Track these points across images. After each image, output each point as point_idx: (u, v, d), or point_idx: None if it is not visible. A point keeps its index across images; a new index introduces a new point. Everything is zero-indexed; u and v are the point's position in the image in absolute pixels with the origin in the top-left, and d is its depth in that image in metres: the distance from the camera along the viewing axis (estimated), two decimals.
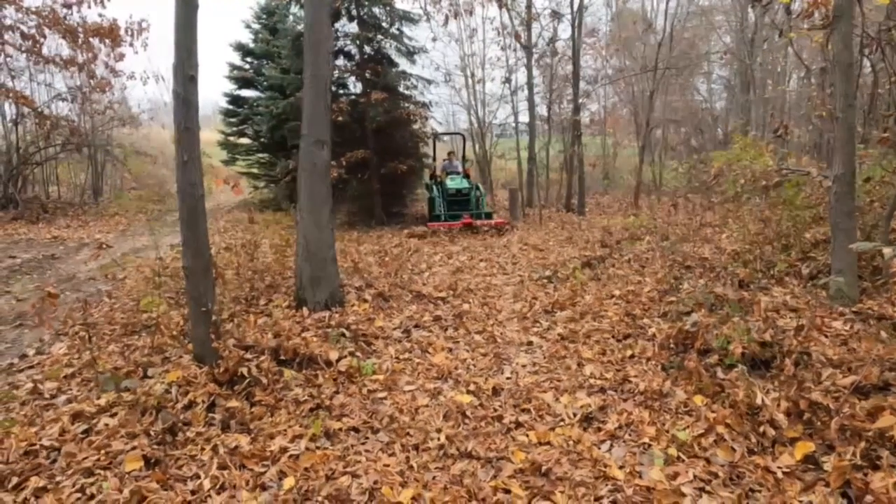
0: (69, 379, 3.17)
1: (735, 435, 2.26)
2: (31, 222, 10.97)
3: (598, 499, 1.96)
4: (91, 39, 11.19)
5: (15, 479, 2.08)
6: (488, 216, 9.73)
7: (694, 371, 2.71)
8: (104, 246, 4.15)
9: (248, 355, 3.02)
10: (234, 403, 2.69)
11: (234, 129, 14.70)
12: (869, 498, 1.82)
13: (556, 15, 14.50)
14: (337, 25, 11.17)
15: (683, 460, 2.15)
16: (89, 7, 10.91)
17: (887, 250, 2.60)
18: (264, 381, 2.87)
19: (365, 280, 5.01)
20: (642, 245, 6.71)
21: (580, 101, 13.17)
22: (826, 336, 3.05)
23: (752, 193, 6.86)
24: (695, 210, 9.11)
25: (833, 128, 3.79)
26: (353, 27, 11.04)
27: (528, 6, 13.45)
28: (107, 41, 11.30)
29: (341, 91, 11.37)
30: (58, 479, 2.09)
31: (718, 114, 20.60)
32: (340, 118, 9.60)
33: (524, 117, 15.23)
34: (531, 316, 4.28)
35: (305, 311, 3.99)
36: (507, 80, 12.00)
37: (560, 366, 3.26)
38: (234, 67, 14.66)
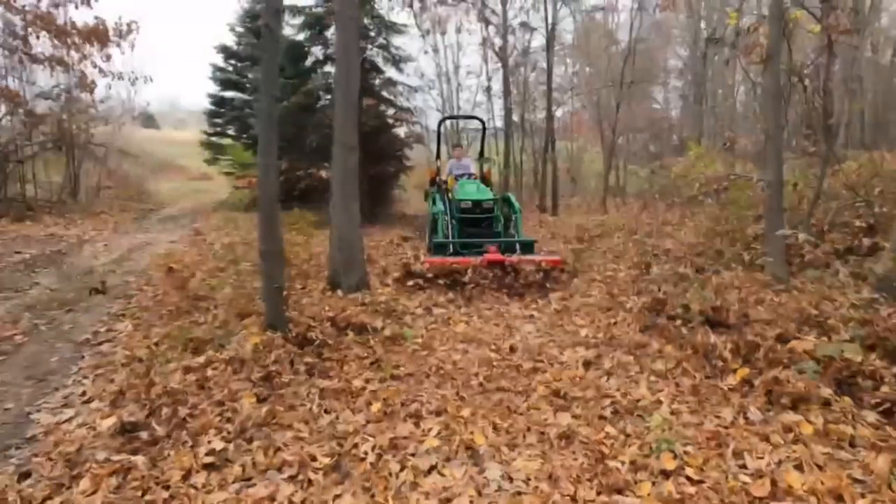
0: (153, 347, 3.74)
1: (695, 367, 3.13)
2: (16, 220, 11.00)
3: (603, 408, 2.77)
4: (78, 41, 11.33)
5: (165, 410, 2.71)
6: (527, 248, 5.81)
7: (665, 328, 3.58)
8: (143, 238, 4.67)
9: (313, 323, 3.69)
10: (309, 360, 3.37)
11: (219, 129, 14.96)
12: (784, 402, 2.69)
13: (525, 26, 15.58)
14: (326, 34, 11.77)
15: (660, 384, 3.00)
16: (76, 7, 11.11)
17: (802, 235, 3.56)
18: (330, 342, 3.55)
19: (382, 268, 5.71)
20: (614, 240, 7.67)
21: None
22: (761, 305, 3.98)
23: (706, 196, 7.95)
24: (657, 211, 10.22)
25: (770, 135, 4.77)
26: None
27: (504, 19, 14.42)
28: (95, 41, 11.46)
29: (328, 97, 11.93)
30: (200, 406, 2.73)
31: (674, 122, 22.24)
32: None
33: (498, 122, 16.23)
34: (529, 296, 5.09)
35: (340, 292, 4.65)
36: (489, 89, 12.85)
37: (559, 331, 4.09)
38: (217, 69, 14.94)
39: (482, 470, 2.28)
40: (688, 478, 2.14)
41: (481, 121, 9.60)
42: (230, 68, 15.03)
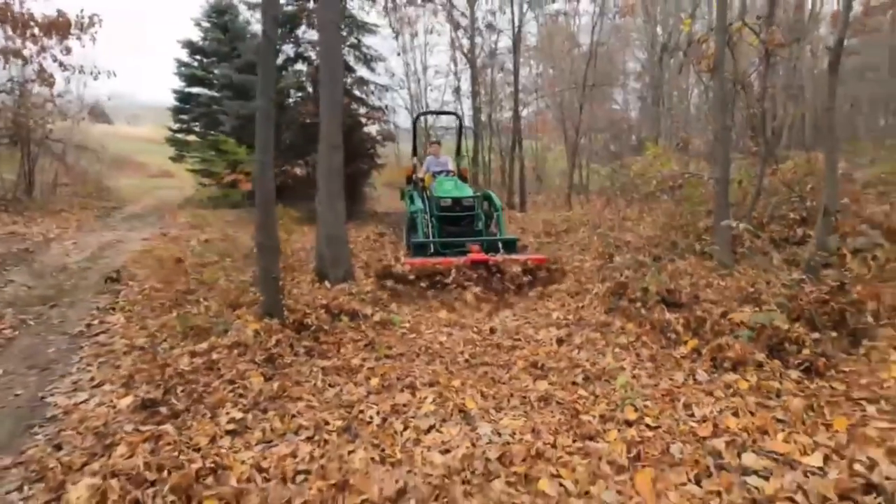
0: (152, 336, 3.91)
1: (653, 340, 3.59)
2: None
3: (575, 375, 3.17)
4: (37, 33, 10.99)
5: (180, 388, 2.93)
6: (509, 246, 5.87)
7: (626, 308, 4.03)
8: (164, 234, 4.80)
9: (308, 310, 3.95)
10: (307, 343, 3.64)
11: (184, 126, 14.72)
12: (726, 366, 3.17)
13: (491, 27, 16.07)
14: (297, 32, 11.84)
15: (623, 354, 3.44)
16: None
17: (743, 225, 4.08)
18: (325, 327, 3.82)
19: (364, 262, 5.98)
20: (579, 234, 8.17)
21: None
22: (709, 287, 4.50)
23: (662, 192, 8.58)
24: (617, 207, 10.84)
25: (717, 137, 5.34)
26: (313, 34, 11.74)
27: (472, 21, 14.83)
28: (55, 34, 11.14)
29: (299, 94, 12.00)
30: (213, 385, 2.96)
31: (633, 122, 23.27)
32: (308, 120, 10.30)
33: (467, 121, 16.63)
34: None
35: (328, 283, 4.90)
36: (458, 89, 13.23)
37: (534, 314, 4.49)
38: (182, 64, 14.67)
39: (474, 428, 2.63)
40: (647, 425, 2.56)
41: (458, 116, 9.26)
42: (195, 64, 14.80)
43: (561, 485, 2.13)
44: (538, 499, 2.05)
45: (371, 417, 2.70)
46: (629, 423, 2.58)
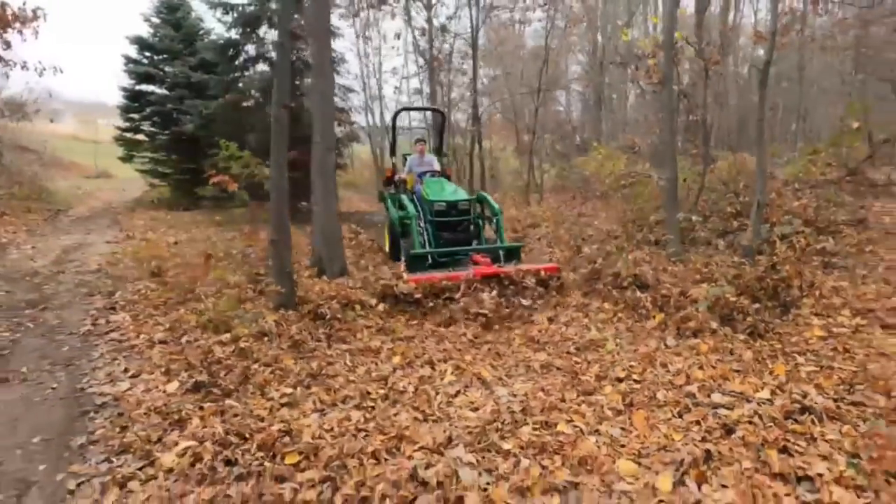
0: (169, 331, 4.09)
1: (627, 315, 4.22)
2: None
3: (567, 347, 3.72)
4: None
5: (223, 372, 3.20)
6: (513, 254, 5.48)
7: (602, 290, 4.66)
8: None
9: (320, 301, 4.27)
10: (324, 330, 3.97)
11: (135, 124, 14.21)
12: (688, 333, 3.82)
13: (445, 29, 16.60)
14: (259, 32, 11.81)
15: (605, 328, 4.03)
16: None
17: (695, 217, 4.79)
18: (339, 316, 4.17)
19: (353, 257, 6.30)
20: (543, 230, 8.84)
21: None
22: (665, 272, 5.22)
23: (615, 191, 9.43)
24: (573, 204, 11.68)
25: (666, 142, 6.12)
26: (275, 34, 11.77)
27: (430, 25, 15.28)
28: None
29: (257, 94, 11.96)
30: (252, 367, 3.26)
31: (576, 124, 24.58)
32: None
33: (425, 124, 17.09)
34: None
35: (325, 278, 5.21)
36: (420, 91, 13.63)
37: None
38: (130, 61, 14.14)
39: (493, 392, 3.11)
40: (634, 380, 3.14)
41: (441, 112, 8.86)
42: (145, 61, 14.30)
43: (576, 426, 2.65)
44: (560, 437, 2.55)
45: (404, 387, 3.11)
46: (620, 380, 3.15)
